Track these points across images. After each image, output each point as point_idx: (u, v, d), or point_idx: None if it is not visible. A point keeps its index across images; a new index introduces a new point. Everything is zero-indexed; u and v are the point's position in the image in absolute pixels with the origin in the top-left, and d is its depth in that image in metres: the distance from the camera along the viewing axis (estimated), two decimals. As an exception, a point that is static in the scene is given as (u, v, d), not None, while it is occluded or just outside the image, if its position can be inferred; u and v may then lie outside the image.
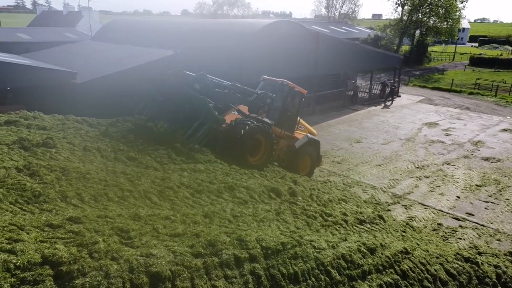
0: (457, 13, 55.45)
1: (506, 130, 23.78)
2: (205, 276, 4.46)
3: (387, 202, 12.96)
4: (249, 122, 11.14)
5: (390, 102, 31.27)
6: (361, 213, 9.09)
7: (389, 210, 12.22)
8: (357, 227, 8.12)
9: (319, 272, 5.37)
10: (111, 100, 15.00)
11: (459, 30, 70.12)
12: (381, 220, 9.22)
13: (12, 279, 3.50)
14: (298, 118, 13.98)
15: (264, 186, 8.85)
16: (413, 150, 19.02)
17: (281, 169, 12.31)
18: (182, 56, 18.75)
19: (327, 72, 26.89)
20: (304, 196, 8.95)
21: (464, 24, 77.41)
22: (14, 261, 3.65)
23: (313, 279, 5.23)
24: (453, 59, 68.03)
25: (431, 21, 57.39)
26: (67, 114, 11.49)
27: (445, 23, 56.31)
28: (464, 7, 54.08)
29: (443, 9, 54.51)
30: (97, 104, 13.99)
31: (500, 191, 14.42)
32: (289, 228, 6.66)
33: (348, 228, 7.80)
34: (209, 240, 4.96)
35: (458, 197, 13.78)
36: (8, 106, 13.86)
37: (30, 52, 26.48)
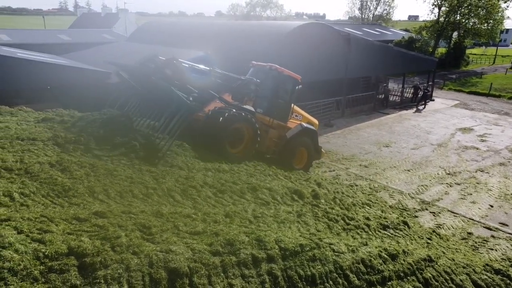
0: (500, 14, 53.30)
1: (547, 138, 22.68)
2: (222, 274, 4.56)
3: (414, 208, 12.67)
4: (228, 110, 10.37)
5: (423, 106, 30.49)
6: (385, 218, 8.95)
7: (416, 216, 11.95)
8: (380, 232, 8.01)
9: (337, 275, 5.37)
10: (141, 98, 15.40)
11: (501, 32, 67.37)
12: (406, 226, 9.05)
13: (41, 267, 3.74)
14: (292, 105, 12.94)
15: (287, 188, 8.89)
16: (444, 156, 18.48)
17: (306, 171, 12.29)
18: (213, 57, 19.03)
19: (358, 75, 26.55)
20: (327, 199, 8.92)
21: (508, 25, 74.08)
22: (43, 250, 3.89)
23: (330, 282, 5.24)
24: (494, 62, 65.35)
25: (470, 23, 55.45)
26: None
27: (485, 25, 54.24)
28: (507, 7, 51.97)
29: (484, 9, 52.51)
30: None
31: (537, 201, 13.80)
32: (309, 230, 6.68)
33: (370, 232, 7.71)
34: (228, 239, 5.06)
35: (491, 206, 13.28)
36: (46, 104, 14.54)
37: (69, 53, 27.62)
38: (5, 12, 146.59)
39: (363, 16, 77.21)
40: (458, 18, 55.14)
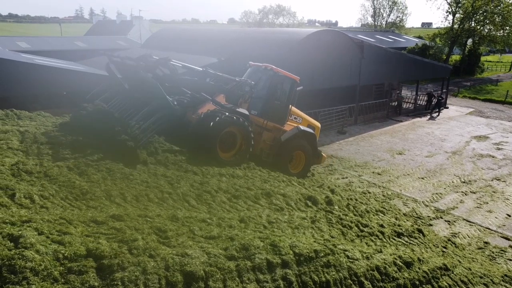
0: (517, 20, 52.60)
1: None
2: (237, 279, 4.58)
3: (428, 216, 12.52)
4: (220, 113, 9.96)
5: (437, 113, 30.18)
6: (399, 225, 8.88)
7: (430, 224, 11.81)
8: (394, 239, 7.94)
9: (351, 282, 5.33)
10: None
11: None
12: (420, 234, 8.95)
13: (61, 268, 3.81)
14: (290, 107, 12.48)
15: (301, 194, 8.89)
16: (459, 164, 18.24)
17: (320, 178, 12.25)
18: (226, 63, 19.19)
19: (371, 82, 26.45)
20: (340, 205, 8.89)
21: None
22: (62, 251, 3.96)
23: (345, 288, 5.21)
24: (510, 69, 64.44)
25: (485, 29, 54.86)
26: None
27: (501, 31, 53.58)
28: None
29: (500, 16, 51.92)
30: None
31: (555, 211, 13.51)
32: (323, 236, 6.66)
33: (384, 240, 7.66)
34: (243, 244, 5.08)
35: (509, 216, 13.04)
36: (62, 109, 14.81)
37: (85, 59, 28.12)
38: (24, 20, 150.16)
39: (376, 23, 77.02)
40: (473, 25, 54.60)
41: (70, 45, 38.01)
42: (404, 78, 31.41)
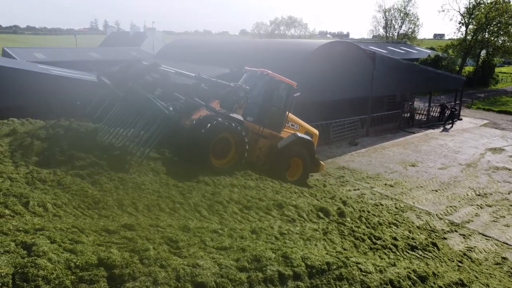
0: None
1: None
2: (248, 290, 4.52)
3: (443, 229, 12.28)
4: (213, 119, 9.61)
5: (450, 125, 29.83)
6: (413, 238, 8.72)
7: (445, 238, 11.58)
8: (408, 253, 7.79)
9: (365, 296, 5.23)
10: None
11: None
12: (435, 247, 8.77)
13: (72, 277, 3.80)
14: (287, 114, 12.19)
15: (313, 205, 8.82)
16: (474, 177, 17.93)
17: (331, 189, 12.13)
18: (238, 74, 19.28)
19: (383, 93, 26.32)
20: (353, 217, 8.79)
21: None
22: (74, 260, 3.96)
23: (358, 303, 5.11)
24: (525, 81, 63.57)
25: (499, 41, 54.35)
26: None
27: (516, 42, 53.05)
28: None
29: (514, 27, 51.45)
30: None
31: None
32: (335, 248, 6.57)
33: (398, 253, 7.52)
34: (255, 255, 5.03)
35: (526, 230, 12.73)
36: (77, 118, 14.99)
37: (99, 70, 28.52)
38: (41, 32, 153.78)
39: (387, 34, 76.91)
40: (486, 36, 54.15)
41: (85, 56, 38.67)
42: (416, 90, 31.19)
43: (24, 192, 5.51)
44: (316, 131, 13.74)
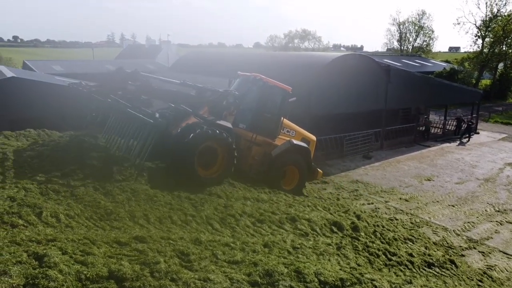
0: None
1: None
2: (260, 306, 4.42)
3: (460, 246, 11.94)
4: (198, 127, 9.16)
5: (467, 139, 29.30)
6: (429, 255, 8.48)
7: (463, 255, 11.24)
8: (424, 270, 7.58)
9: (380, 315, 5.07)
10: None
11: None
12: (453, 265, 8.51)
13: (82, 289, 3.77)
14: (282, 120, 11.73)
15: (326, 219, 8.68)
16: (493, 192, 17.48)
17: (345, 203, 11.94)
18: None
19: (397, 106, 26.07)
20: (367, 232, 8.61)
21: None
22: (85, 272, 3.94)
23: (373, 321, 4.95)
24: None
25: (517, 53, 53.55)
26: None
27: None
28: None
29: (533, 39, 50.67)
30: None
31: None
32: (349, 264, 6.42)
33: (414, 270, 7.31)
34: (267, 270, 4.94)
35: (549, 248, 12.29)
36: (91, 129, 15.14)
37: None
38: (60, 45, 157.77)
39: (402, 47, 76.62)
40: (504, 48, 53.44)
41: (101, 68, 39.38)
42: (431, 103, 30.81)
43: (37, 202, 5.54)
44: (313, 137, 13.19)
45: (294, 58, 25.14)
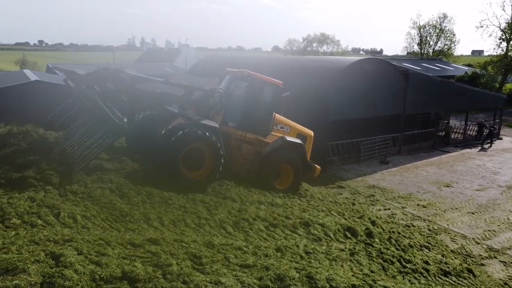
0: None
1: None
2: (270, 311, 4.44)
3: (480, 255, 11.66)
4: (182, 128, 8.91)
5: (489, 145, 28.62)
6: (446, 263, 8.33)
7: (482, 264, 10.97)
8: (441, 278, 7.45)
9: (392, 323, 5.02)
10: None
11: None
12: (471, 274, 8.34)
13: (96, 289, 3.87)
14: (274, 116, 11.26)
15: (340, 224, 8.64)
16: (515, 200, 17.03)
17: (360, 209, 11.82)
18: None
19: (416, 111, 25.68)
20: (382, 238, 8.52)
21: None
22: (99, 272, 4.04)
23: (385, 330, 4.91)
24: None
25: (544, 57, 52.07)
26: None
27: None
28: None
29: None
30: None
31: None
32: (362, 270, 6.37)
33: (429, 278, 7.20)
34: (278, 274, 4.95)
35: None
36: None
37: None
38: (82, 49, 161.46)
39: (422, 51, 75.50)
40: (530, 51, 52.05)
41: (121, 71, 40.09)
42: (452, 108, 30.24)
43: (56, 203, 5.71)
44: (310, 132, 12.63)
45: (311, 63, 25.10)
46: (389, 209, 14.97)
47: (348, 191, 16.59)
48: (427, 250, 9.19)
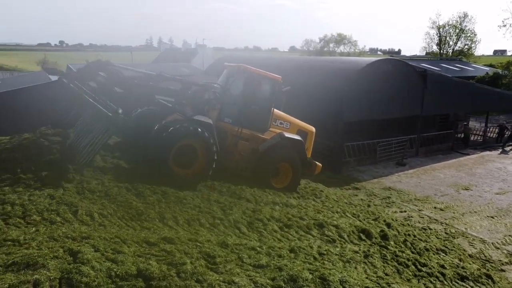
0: None
1: None
2: (283, 311, 4.46)
3: (500, 260, 11.41)
4: (177, 123, 8.69)
5: (510, 147, 27.99)
6: (463, 268, 8.20)
7: (502, 270, 10.73)
8: (457, 283, 7.34)
9: (406, 326, 4.98)
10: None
11: None
12: (489, 280, 8.18)
13: (112, 286, 3.96)
14: (272, 111, 10.93)
15: (354, 226, 8.59)
16: (537, 204, 16.60)
17: (376, 210, 11.69)
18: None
19: (434, 113, 25.30)
20: (397, 241, 8.44)
21: None
22: (115, 269, 4.13)
23: (399, 333, 4.87)
24: None
25: None
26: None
27: None
28: None
29: None
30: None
31: None
32: (376, 273, 6.32)
33: (445, 282, 7.10)
34: (291, 275, 4.97)
35: None
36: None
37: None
38: (100, 49, 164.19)
39: (441, 51, 74.22)
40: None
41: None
42: (471, 109, 29.67)
43: (74, 201, 5.84)
44: (311, 128, 12.17)
45: (328, 64, 24.97)
46: (405, 211, 14.79)
47: (363, 192, 16.46)
48: (443, 254, 9.05)
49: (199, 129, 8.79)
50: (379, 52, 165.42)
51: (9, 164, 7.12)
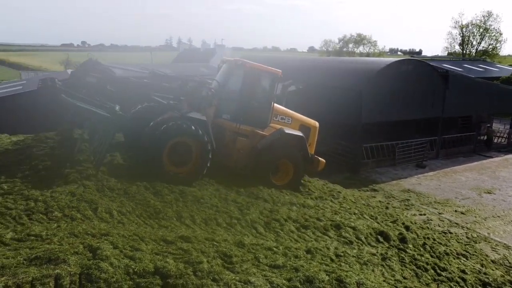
0: None
1: None
2: (298, 312, 4.45)
3: (523, 266, 11.10)
4: (168, 121, 8.52)
5: (535, 150, 27.18)
6: (485, 274, 8.00)
7: (526, 276, 10.44)
8: (478, 289, 7.17)
9: (424, 331, 4.90)
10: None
11: None
12: (512, 286, 7.96)
13: (130, 282, 4.03)
14: (272, 106, 10.58)
15: (372, 228, 8.49)
16: None
17: (394, 213, 11.53)
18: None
19: (456, 114, 24.75)
20: (415, 244, 8.29)
21: None
22: (133, 266, 4.20)
23: (416, 338, 4.80)
24: None
25: None
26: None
27: None
28: None
29: None
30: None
31: None
32: (394, 276, 6.24)
33: (465, 288, 6.95)
34: (308, 276, 4.95)
35: None
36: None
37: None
38: (121, 50, 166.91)
39: (464, 51, 72.61)
40: None
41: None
42: (495, 111, 28.91)
43: (94, 198, 5.96)
44: (315, 123, 11.73)
45: (346, 64, 24.75)
46: (424, 214, 14.54)
47: (382, 194, 16.24)
48: (464, 259, 8.85)
49: (193, 127, 8.61)
50: (399, 53, 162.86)
51: (33, 161, 7.33)
